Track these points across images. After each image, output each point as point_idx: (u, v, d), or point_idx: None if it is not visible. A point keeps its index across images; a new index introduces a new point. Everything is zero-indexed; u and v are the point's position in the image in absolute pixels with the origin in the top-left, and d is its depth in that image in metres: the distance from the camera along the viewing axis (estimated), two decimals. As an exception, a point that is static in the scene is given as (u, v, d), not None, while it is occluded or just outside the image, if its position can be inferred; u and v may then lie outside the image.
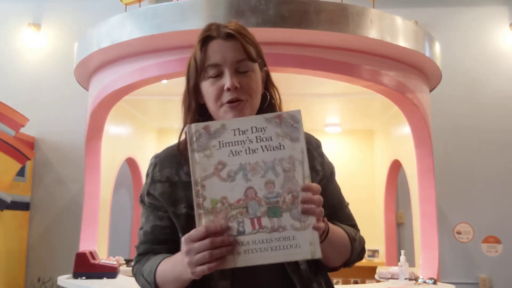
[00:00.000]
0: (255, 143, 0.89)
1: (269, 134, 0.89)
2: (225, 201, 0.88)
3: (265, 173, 0.88)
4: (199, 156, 0.89)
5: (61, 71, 4.99)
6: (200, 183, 0.89)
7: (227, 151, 0.89)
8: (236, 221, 0.87)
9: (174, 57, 3.17)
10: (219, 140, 0.89)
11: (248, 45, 1.07)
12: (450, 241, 4.77)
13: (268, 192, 0.88)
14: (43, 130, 5.01)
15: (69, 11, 5.22)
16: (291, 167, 0.88)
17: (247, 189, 0.88)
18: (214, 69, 1.06)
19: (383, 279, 3.51)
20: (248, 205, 0.87)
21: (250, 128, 0.89)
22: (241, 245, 0.86)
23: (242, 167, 0.88)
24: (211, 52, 1.06)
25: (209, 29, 1.09)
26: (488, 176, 4.81)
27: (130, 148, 4.59)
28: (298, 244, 0.86)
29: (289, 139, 0.89)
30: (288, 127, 0.90)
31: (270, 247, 0.86)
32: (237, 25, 1.10)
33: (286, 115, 0.91)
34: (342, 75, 3.17)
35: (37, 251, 4.88)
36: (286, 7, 2.91)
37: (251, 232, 0.87)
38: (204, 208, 0.88)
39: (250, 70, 1.07)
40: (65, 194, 4.94)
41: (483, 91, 4.96)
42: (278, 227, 0.87)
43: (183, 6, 2.99)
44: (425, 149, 3.57)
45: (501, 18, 5.08)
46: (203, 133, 0.90)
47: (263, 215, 0.87)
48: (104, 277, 3.25)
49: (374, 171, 5.09)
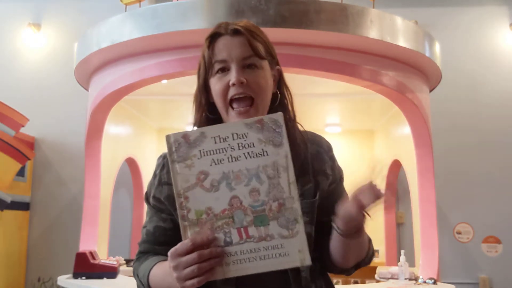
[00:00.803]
0: (237, 150, 0.86)
1: (251, 140, 0.86)
2: (210, 212, 0.85)
3: (249, 181, 0.85)
4: (180, 167, 0.86)
5: (61, 71, 4.99)
6: (183, 194, 0.86)
7: (209, 160, 0.86)
8: (222, 231, 0.85)
9: (174, 57, 3.17)
10: (200, 149, 0.86)
11: (256, 41, 1.06)
12: (450, 241, 4.77)
13: (253, 201, 0.85)
14: (43, 130, 5.01)
15: (69, 11, 5.22)
16: (275, 174, 0.86)
17: (232, 198, 0.85)
18: (221, 65, 1.05)
19: (383, 279, 3.51)
20: (233, 214, 0.85)
21: (231, 135, 0.86)
22: (229, 255, 0.84)
23: (225, 176, 0.86)
24: (218, 48, 1.06)
25: (218, 26, 1.09)
26: (488, 176, 4.81)
27: (130, 148, 4.59)
28: (286, 252, 0.84)
29: (272, 144, 0.86)
30: (270, 132, 0.87)
31: (259, 256, 0.84)
32: (247, 23, 1.09)
33: (267, 120, 0.87)
34: (342, 75, 3.17)
35: (37, 251, 4.88)
36: (286, 7, 2.91)
37: (239, 242, 0.85)
38: (189, 220, 0.86)
39: (258, 66, 1.05)
40: (65, 194, 4.94)
41: (483, 91, 4.96)
42: (266, 235, 0.85)
43: (183, 6, 2.99)
44: (425, 149, 3.57)
45: (501, 18, 5.08)
46: (183, 143, 0.87)
47: (250, 224, 0.85)
48: (104, 277, 3.25)
49: (374, 171, 5.09)
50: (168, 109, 4.66)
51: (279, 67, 1.13)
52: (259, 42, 1.07)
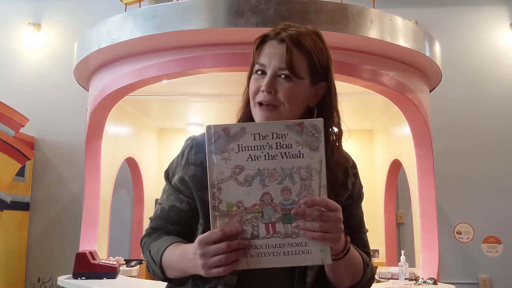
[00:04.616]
0: (274, 149, 0.89)
1: (289, 141, 0.89)
2: (240, 205, 0.89)
3: (282, 180, 0.89)
4: (216, 158, 0.89)
5: (61, 71, 4.99)
6: (217, 185, 0.89)
7: (246, 155, 0.89)
8: (250, 225, 0.88)
9: (174, 57, 3.17)
10: (238, 144, 0.89)
11: (300, 55, 1.05)
12: (450, 241, 4.77)
13: (284, 199, 0.89)
14: (43, 130, 5.01)
15: (69, 11, 5.22)
16: (308, 176, 0.89)
17: (263, 195, 0.89)
18: (260, 68, 1.07)
19: (383, 279, 3.51)
20: (263, 210, 0.89)
21: (270, 134, 0.89)
22: (254, 248, 0.88)
23: (260, 172, 0.89)
24: (263, 51, 1.08)
25: (274, 28, 1.10)
26: (488, 176, 4.81)
27: (130, 148, 4.59)
28: (309, 251, 0.88)
29: (308, 148, 0.89)
30: (309, 136, 0.90)
31: (283, 251, 0.88)
32: (306, 30, 1.08)
33: (307, 124, 0.90)
34: (342, 75, 3.17)
35: (37, 251, 4.88)
36: (286, 7, 2.91)
37: (265, 237, 0.88)
38: (219, 211, 0.89)
39: (293, 78, 1.05)
40: (65, 194, 4.94)
41: (483, 91, 4.96)
42: (292, 233, 0.88)
43: (183, 6, 2.99)
44: (425, 149, 3.57)
45: (501, 18, 5.08)
46: (222, 135, 0.89)
47: (278, 221, 0.88)
48: (104, 277, 3.24)
49: (374, 171, 5.09)
50: (168, 109, 4.65)
51: (324, 83, 1.11)
52: (304, 55, 1.05)
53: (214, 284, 1.04)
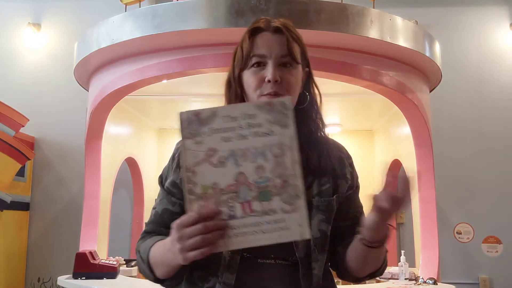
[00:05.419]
0: (245, 130, 0.90)
1: (259, 120, 0.90)
2: (216, 187, 0.88)
3: (256, 159, 0.89)
4: (190, 143, 0.90)
5: (61, 71, 4.99)
6: (191, 169, 0.89)
7: (218, 138, 0.90)
8: (227, 206, 0.88)
9: (174, 57, 3.17)
10: (210, 127, 0.90)
11: (294, 42, 1.10)
12: (450, 241, 4.77)
13: (258, 177, 0.89)
14: (43, 130, 5.01)
15: (69, 11, 5.22)
16: (281, 153, 0.89)
17: (238, 174, 0.89)
18: (258, 60, 1.08)
19: (383, 279, 3.51)
20: (238, 190, 0.88)
21: (241, 115, 0.90)
22: (232, 229, 0.88)
23: (232, 153, 0.89)
24: (258, 43, 1.09)
25: (258, 21, 1.12)
26: (488, 176, 4.81)
27: (130, 148, 4.59)
28: (287, 226, 0.88)
29: (279, 125, 0.90)
30: (278, 113, 0.90)
31: (261, 230, 0.87)
32: (286, 21, 1.13)
33: (276, 102, 0.91)
34: (342, 75, 3.17)
35: (37, 251, 4.88)
36: (286, 7, 2.91)
37: (242, 216, 0.88)
38: (195, 194, 0.89)
39: (292, 66, 1.09)
40: (65, 194, 4.94)
41: (483, 91, 4.96)
42: (269, 210, 0.88)
43: (183, 6, 2.99)
44: (425, 149, 3.57)
45: (501, 18, 5.08)
46: (194, 120, 0.90)
47: (254, 199, 0.88)
48: (104, 277, 3.24)
49: (374, 171, 5.09)
50: (168, 109, 4.65)
51: (307, 69, 1.17)
52: (296, 43, 1.12)
53: (213, 283, 1.04)
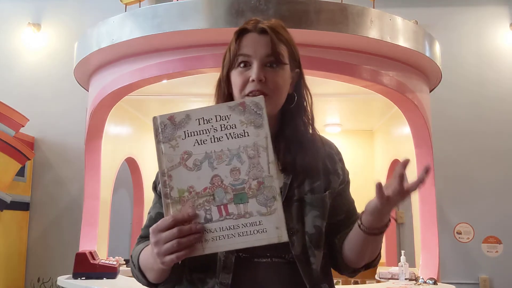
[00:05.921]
0: (219, 132, 0.89)
1: (233, 121, 0.90)
2: (192, 190, 0.88)
3: (230, 161, 0.89)
4: (165, 147, 0.90)
5: (61, 71, 4.99)
6: (167, 173, 0.89)
7: (192, 141, 0.89)
8: (203, 209, 0.88)
9: (174, 57, 3.17)
10: (184, 130, 0.90)
11: (281, 43, 1.10)
12: (450, 241, 4.77)
13: (234, 179, 0.88)
14: (43, 130, 5.01)
15: (69, 11, 5.22)
16: (255, 154, 0.89)
17: (213, 177, 0.88)
18: (244, 59, 1.09)
19: (383, 279, 3.51)
20: (214, 192, 0.88)
21: (214, 117, 0.90)
22: (208, 232, 0.87)
23: (207, 156, 0.89)
24: (244, 43, 1.10)
25: (247, 23, 1.13)
26: (488, 176, 4.81)
27: (130, 148, 4.59)
28: (264, 229, 0.87)
29: (253, 126, 0.90)
30: (251, 114, 0.90)
31: (238, 233, 0.87)
32: (275, 22, 1.13)
33: (249, 102, 0.91)
34: (342, 75, 3.17)
35: (37, 251, 4.88)
36: (286, 7, 2.91)
37: (219, 219, 0.87)
38: (171, 198, 0.89)
39: (279, 66, 1.09)
40: (65, 194, 4.94)
41: (483, 91, 4.96)
42: (245, 213, 0.87)
43: (183, 6, 2.99)
44: (425, 149, 3.57)
45: (501, 18, 5.08)
46: (168, 124, 0.90)
47: (230, 202, 0.88)
48: (104, 277, 3.24)
49: (374, 171, 5.09)
50: (168, 109, 4.64)
51: (298, 70, 1.16)
52: (284, 44, 1.11)
53: (212, 284, 1.03)
